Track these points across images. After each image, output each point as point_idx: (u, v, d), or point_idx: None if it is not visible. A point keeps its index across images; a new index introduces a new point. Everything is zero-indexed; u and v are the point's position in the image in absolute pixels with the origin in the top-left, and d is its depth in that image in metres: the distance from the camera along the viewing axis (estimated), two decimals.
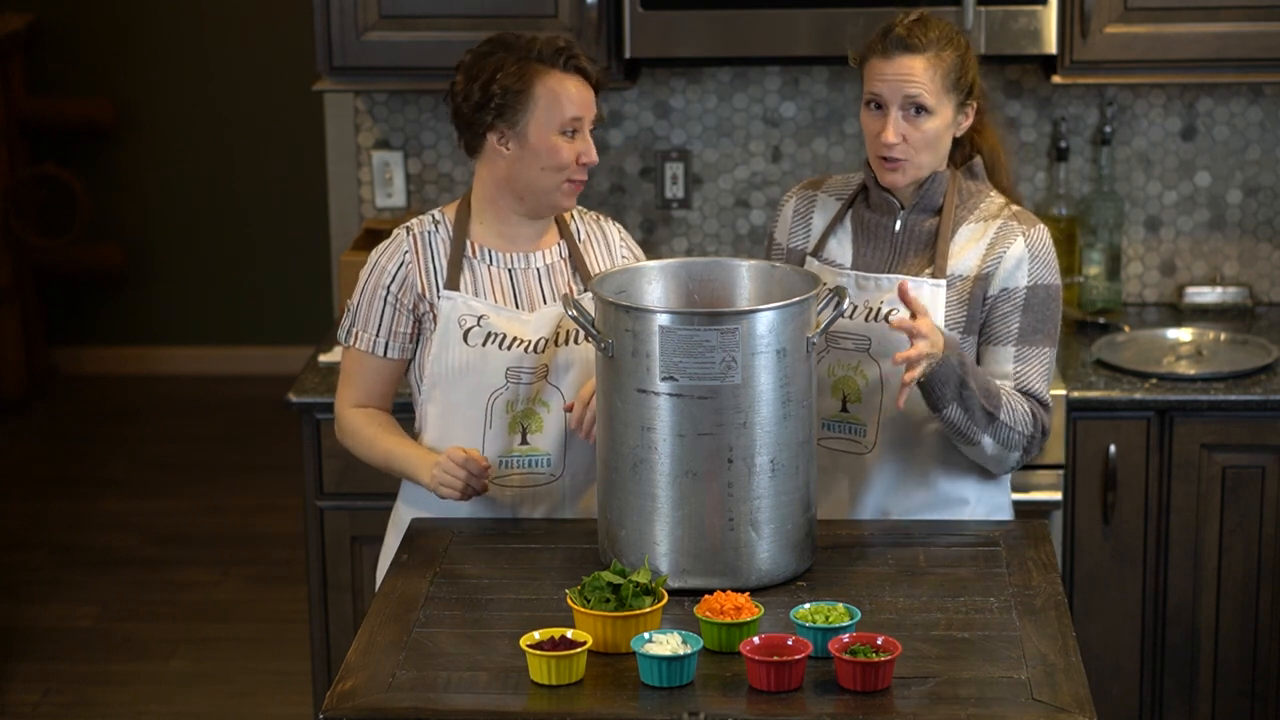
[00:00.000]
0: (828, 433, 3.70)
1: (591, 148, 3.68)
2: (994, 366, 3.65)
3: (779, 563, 3.41)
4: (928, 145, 3.61)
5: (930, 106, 3.59)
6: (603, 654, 3.15)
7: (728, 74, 5.08)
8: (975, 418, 3.56)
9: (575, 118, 3.65)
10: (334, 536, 4.66)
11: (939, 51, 3.59)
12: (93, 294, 8.14)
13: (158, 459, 7.35)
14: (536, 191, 3.69)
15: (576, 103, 3.65)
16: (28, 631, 5.94)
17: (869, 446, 3.68)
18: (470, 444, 3.71)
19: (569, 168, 3.66)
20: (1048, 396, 3.65)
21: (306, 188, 7.81)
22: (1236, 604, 4.64)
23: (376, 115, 5.13)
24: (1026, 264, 3.62)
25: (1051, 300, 3.65)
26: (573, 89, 3.65)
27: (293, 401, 4.60)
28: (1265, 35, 4.65)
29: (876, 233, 3.71)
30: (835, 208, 3.77)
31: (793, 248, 3.80)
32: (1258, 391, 4.55)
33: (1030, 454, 3.65)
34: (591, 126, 3.70)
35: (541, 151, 3.65)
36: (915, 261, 3.67)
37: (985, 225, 3.66)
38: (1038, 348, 3.64)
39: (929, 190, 3.67)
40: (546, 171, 3.67)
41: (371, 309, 3.76)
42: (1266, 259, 5.11)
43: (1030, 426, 3.61)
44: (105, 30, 7.95)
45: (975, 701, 3.02)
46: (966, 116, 3.66)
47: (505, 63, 3.65)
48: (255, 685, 5.64)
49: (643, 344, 3.33)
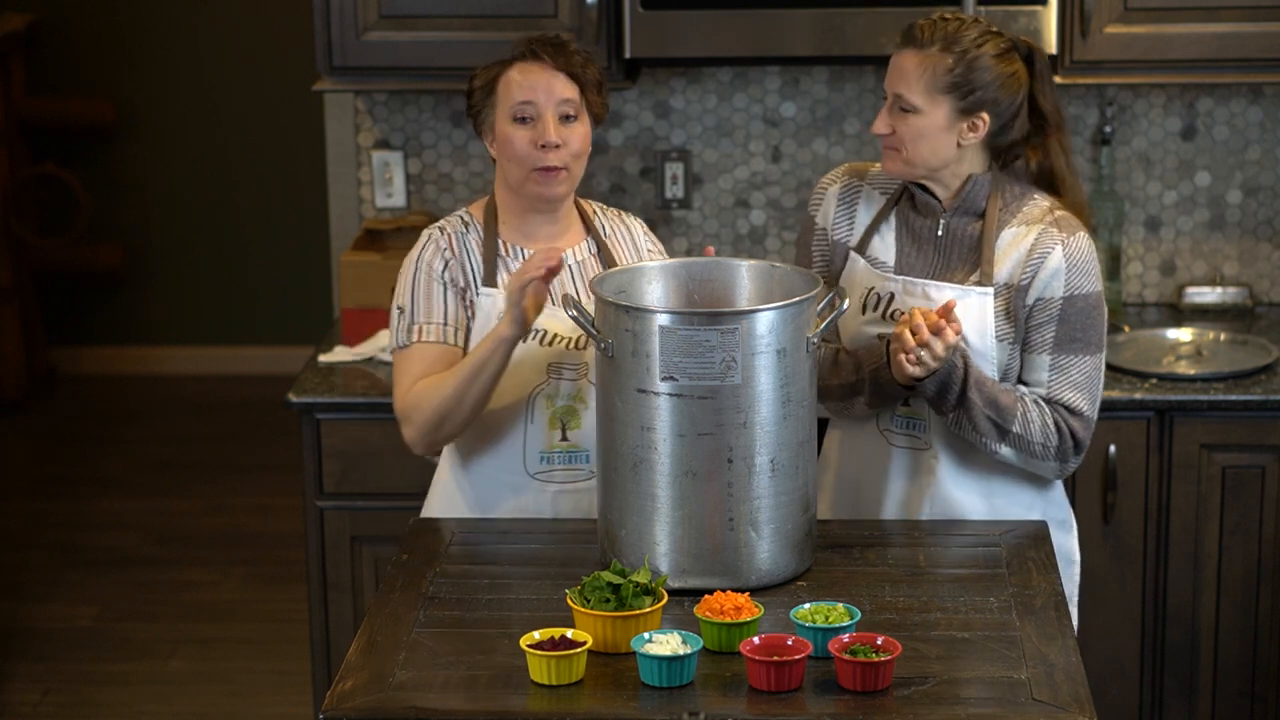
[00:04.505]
0: (892, 427, 3.72)
1: (549, 130, 3.62)
2: (1029, 375, 3.65)
3: (779, 563, 3.41)
4: (914, 142, 3.60)
5: (913, 105, 3.58)
6: (603, 654, 3.15)
7: (728, 74, 5.08)
8: (981, 428, 3.57)
9: (524, 102, 3.62)
10: (334, 536, 4.66)
11: (941, 51, 3.58)
12: (92, 294, 8.14)
13: (158, 459, 7.35)
14: (515, 186, 3.70)
15: (524, 86, 3.63)
16: (28, 631, 5.94)
17: (929, 444, 3.68)
18: (510, 441, 3.71)
19: (529, 156, 3.64)
20: (1083, 405, 3.62)
21: (306, 188, 7.81)
22: (1236, 604, 4.64)
23: (376, 115, 5.13)
24: (1064, 274, 3.59)
25: (1092, 309, 3.62)
26: (520, 75, 3.64)
27: (293, 401, 4.60)
28: (1265, 35, 4.65)
29: (920, 235, 3.70)
30: (879, 202, 3.76)
31: (837, 239, 3.78)
32: (1258, 391, 4.55)
33: (1067, 463, 3.65)
34: (567, 112, 3.65)
35: (503, 144, 3.66)
36: (961, 267, 3.66)
37: (1027, 230, 3.63)
38: (1076, 356, 3.62)
39: (970, 193, 3.65)
40: (512, 163, 3.67)
41: (431, 301, 3.69)
42: (1266, 259, 5.11)
43: (1054, 438, 3.61)
44: (105, 30, 7.95)
45: (975, 701, 3.02)
46: (973, 128, 3.60)
47: (480, 68, 3.71)
48: (255, 685, 5.64)
49: (643, 344, 3.33)
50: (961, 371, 3.55)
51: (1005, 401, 3.58)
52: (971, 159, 3.65)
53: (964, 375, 3.55)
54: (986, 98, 3.59)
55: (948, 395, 3.56)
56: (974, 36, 3.59)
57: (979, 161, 3.66)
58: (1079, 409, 3.63)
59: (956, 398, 3.56)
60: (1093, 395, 3.64)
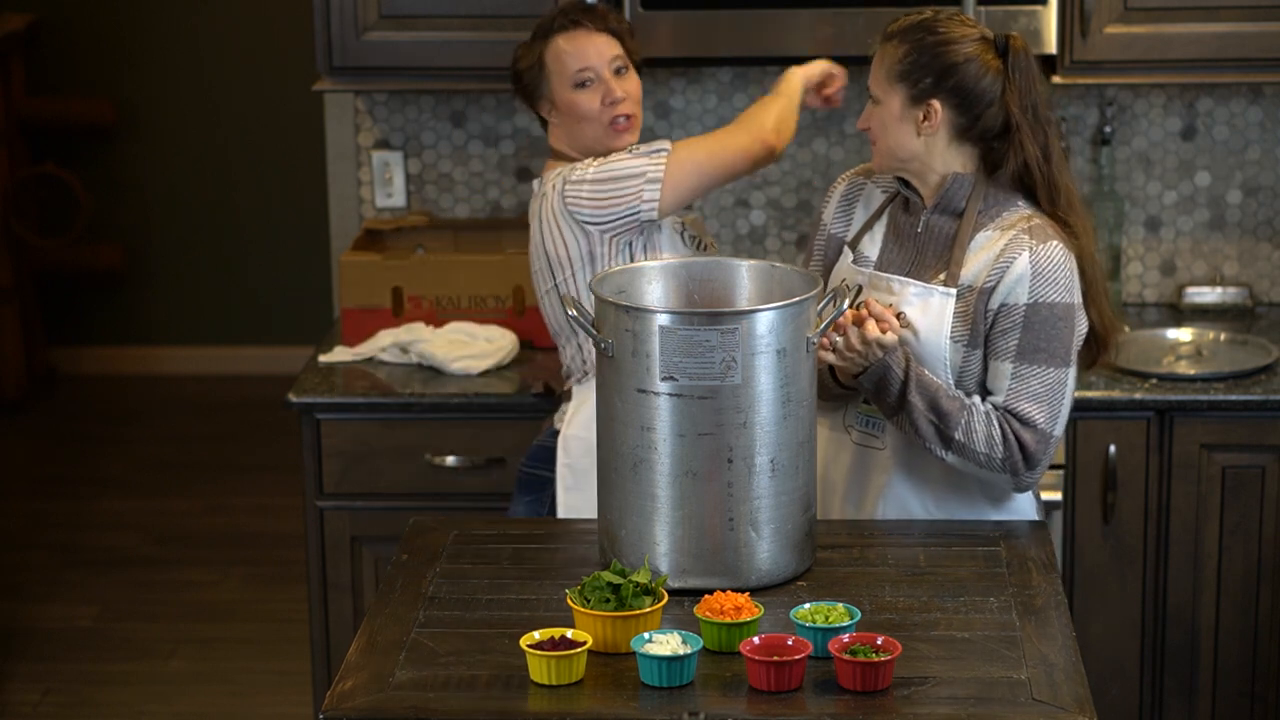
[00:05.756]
0: (855, 424, 3.72)
1: (613, 87, 4.02)
2: (992, 383, 3.61)
3: (779, 563, 3.41)
4: (881, 134, 3.63)
5: (875, 95, 3.63)
6: (603, 654, 3.15)
7: (728, 74, 5.08)
8: (923, 432, 3.55)
9: (582, 69, 4.00)
10: (334, 536, 4.66)
11: (899, 42, 3.60)
12: (92, 294, 8.14)
13: (158, 459, 7.35)
14: (588, 143, 4.06)
15: (577, 55, 3.99)
16: (28, 631, 5.94)
17: (884, 444, 3.68)
18: None
19: (602, 113, 4.01)
20: (1038, 417, 3.55)
21: (306, 188, 7.81)
22: (1236, 604, 4.64)
23: (376, 115, 5.13)
24: (1028, 281, 3.54)
25: (1058, 320, 3.55)
26: (569, 45, 3.99)
27: (293, 401, 4.60)
28: (1265, 35, 4.65)
29: (903, 232, 3.71)
30: (879, 201, 3.77)
31: (834, 233, 3.80)
32: (1258, 391, 4.55)
33: (1019, 476, 3.57)
34: (619, 65, 4.04)
35: (569, 111, 4.03)
36: (934, 265, 3.65)
37: (1001, 235, 3.60)
38: (1038, 367, 3.55)
39: (949, 192, 3.65)
40: (584, 124, 4.03)
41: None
42: (1266, 259, 5.11)
43: (999, 449, 3.55)
44: (105, 30, 7.95)
45: (975, 701, 3.02)
46: (927, 116, 3.58)
47: (520, 47, 4.08)
48: (255, 685, 5.64)
49: (643, 344, 3.33)
50: (900, 373, 3.53)
51: (948, 408, 3.54)
52: (946, 154, 3.62)
53: (904, 377, 3.53)
54: (941, 87, 3.56)
55: (885, 395, 3.55)
56: (936, 28, 3.59)
57: (958, 159, 3.64)
58: (1033, 421, 3.55)
59: (896, 398, 3.54)
60: (1053, 409, 3.56)
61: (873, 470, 3.70)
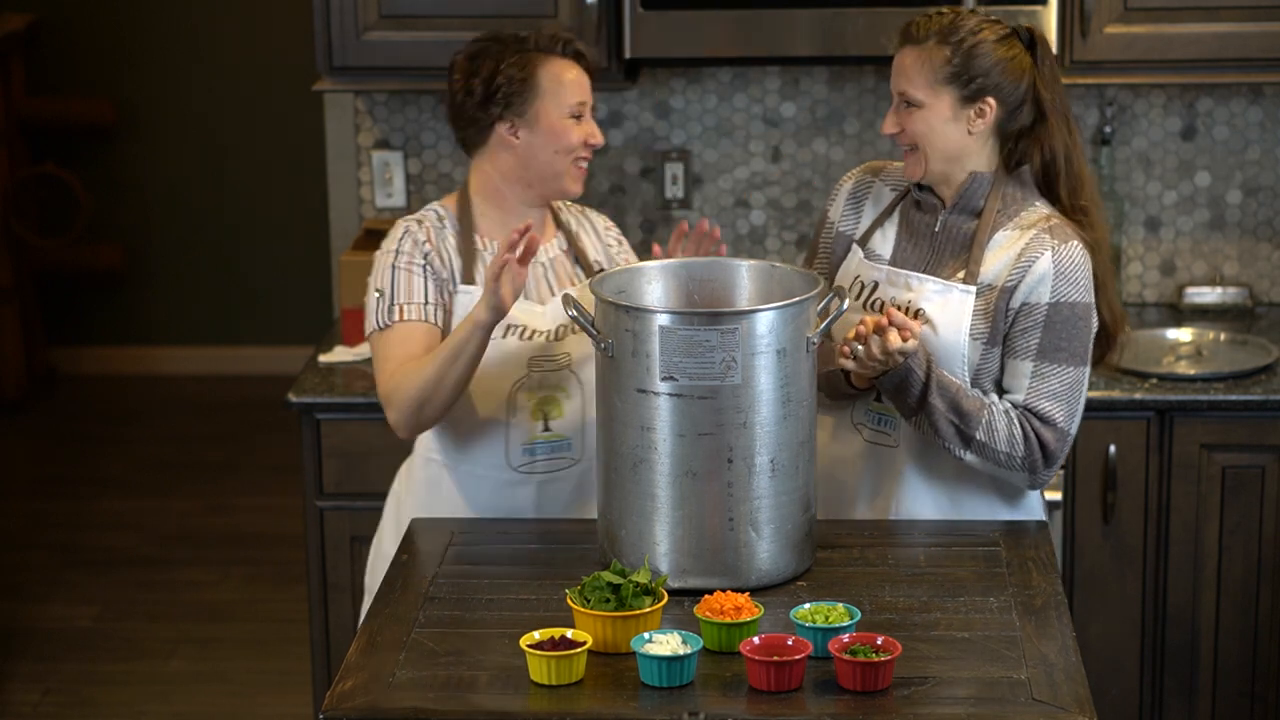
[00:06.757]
0: (866, 422, 3.71)
1: (597, 130, 3.80)
2: (1010, 381, 3.62)
3: (779, 563, 3.41)
4: (925, 137, 3.61)
5: (916, 100, 3.59)
6: (603, 654, 3.15)
7: (728, 74, 5.08)
8: (944, 433, 3.56)
9: (581, 102, 3.77)
10: (334, 536, 4.66)
11: (937, 44, 3.58)
12: (92, 294, 8.14)
13: (158, 459, 7.35)
14: (547, 176, 3.77)
15: (579, 87, 3.78)
16: (28, 631, 5.94)
17: (897, 441, 3.68)
18: (493, 433, 3.75)
19: (577, 149, 3.77)
20: (1058, 415, 3.57)
21: (306, 188, 7.81)
22: (1236, 604, 4.64)
23: (376, 115, 5.13)
24: (1050, 280, 3.56)
25: (1078, 319, 3.58)
26: (573, 75, 3.78)
27: (293, 401, 4.60)
28: (1265, 35, 4.65)
29: (918, 230, 3.70)
30: (889, 199, 3.77)
31: (842, 231, 3.80)
32: (1258, 391, 4.55)
33: (1037, 474, 3.60)
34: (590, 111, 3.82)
35: (552, 135, 3.75)
36: (951, 264, 3.65)
37: (1020, 234, 3.61)
38: (1058, 366, 3.58)
39: (969, 191, 3.65)
40: (559, 154, 3.76)
41: (411, 283, 3.72)
42: (1266, 259, 5.11)
43: (1020, 448, 3.57)
44: (105, 30, 7.95)
45: (975, 701, 3.02)
46: (980, 114, 3.60)
47: (505, 55, 3.76)
48: (255, 685, 5.64)
49: (643, 344, 3.33)
50: (921, 375, 3.53)
51: (969, 407, 3.55)
52: (980, 153, 3.64)
53: (925, 379, 3.53)
54: (989, 83, 3.59)
55: (905, 397, 3.55)
56: (970, 25, 3.60)
57: (985, 157, 3.65)
58: (1053, 419, 3.57)
59: (916, 400, 3.55)
60: (1071, 407, 3.59)
61: (886, 468, 3.70)
